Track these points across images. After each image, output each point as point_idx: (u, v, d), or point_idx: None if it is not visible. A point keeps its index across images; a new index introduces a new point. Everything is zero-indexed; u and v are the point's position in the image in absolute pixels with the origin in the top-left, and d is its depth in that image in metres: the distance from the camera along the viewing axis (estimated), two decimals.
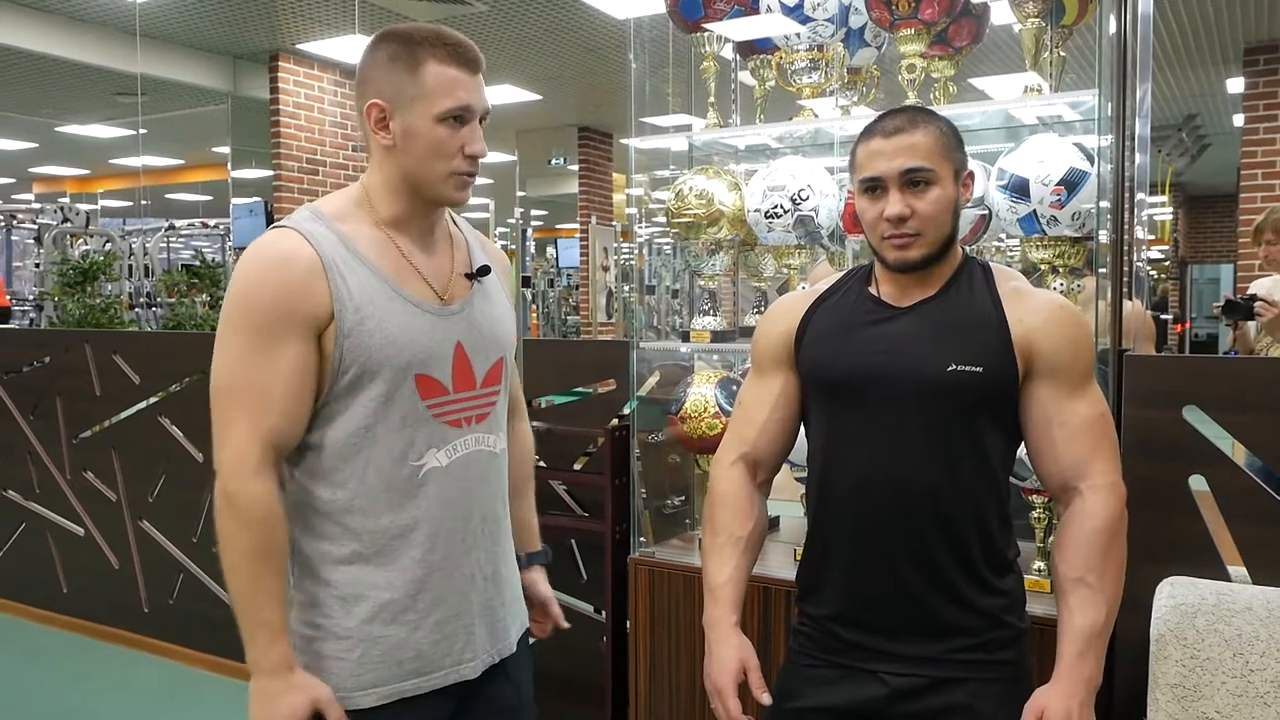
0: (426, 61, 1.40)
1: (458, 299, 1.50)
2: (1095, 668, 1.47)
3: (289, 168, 8.13)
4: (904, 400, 1.52)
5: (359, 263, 1.41)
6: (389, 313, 1.41)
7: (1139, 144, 2.11)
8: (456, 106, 1.40)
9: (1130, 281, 2.13)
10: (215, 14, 7.23)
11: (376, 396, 1.41)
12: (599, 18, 7.04)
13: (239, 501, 1.35)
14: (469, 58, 1.43)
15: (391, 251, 1.45)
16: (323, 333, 1.38)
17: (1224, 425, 1.95)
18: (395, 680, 1.44)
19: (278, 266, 1.37)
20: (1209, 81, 8.93)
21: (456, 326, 1.49)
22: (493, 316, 1.56)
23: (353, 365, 1.39)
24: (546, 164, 11.85)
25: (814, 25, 2.43)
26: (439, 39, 1.42)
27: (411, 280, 1.46)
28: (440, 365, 1.46)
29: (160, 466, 3.88)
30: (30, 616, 4.33)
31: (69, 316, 6.21)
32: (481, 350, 1.52)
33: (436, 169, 1.42)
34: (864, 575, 1.56)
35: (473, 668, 1.51)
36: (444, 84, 1.40)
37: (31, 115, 10.19)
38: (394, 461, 1.43)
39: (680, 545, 2.64)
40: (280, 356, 1.36)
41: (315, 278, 1.37)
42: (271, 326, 1.35)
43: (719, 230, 2.48)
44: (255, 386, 1.36)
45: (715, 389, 2.48)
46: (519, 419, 1.78)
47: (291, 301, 1.36)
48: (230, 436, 1.36)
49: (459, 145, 1.42)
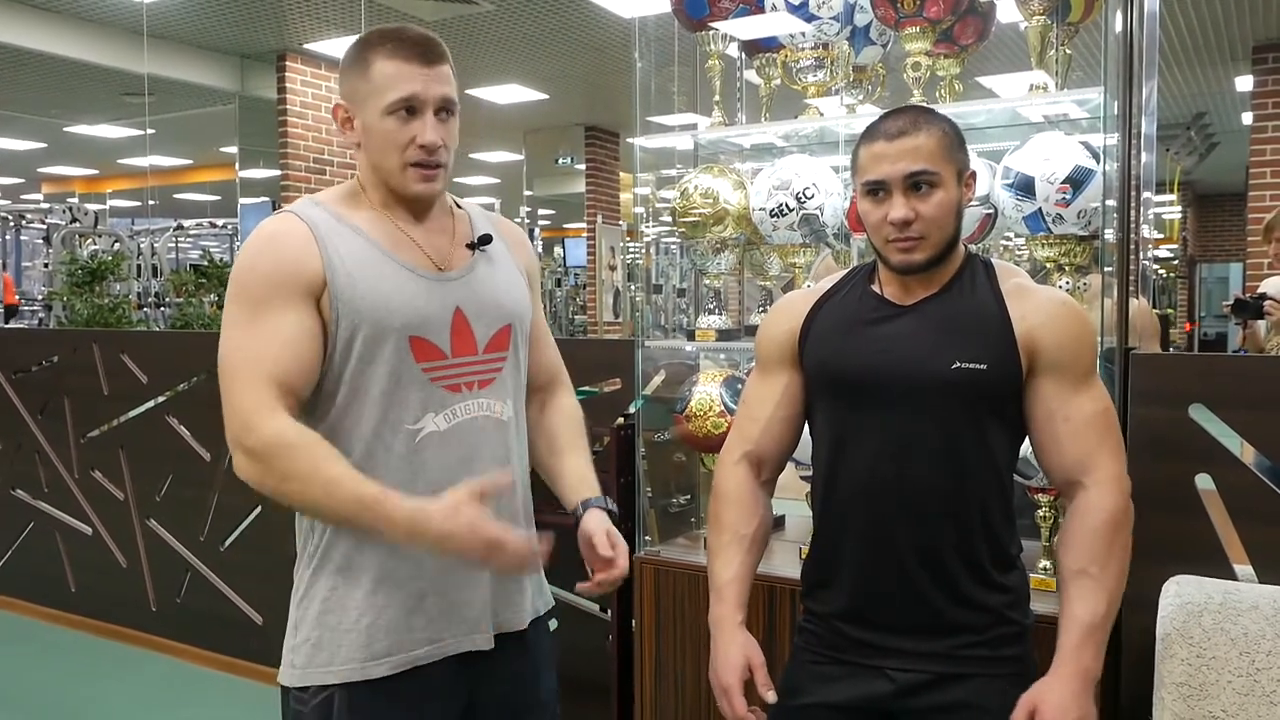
0: (374, 60, 1.43)
1: (457, 266, 1.51)
2: (1094, 659, 1.47)
3: (296, 167, 8.16)
4: (908, 398, 1.52)
5: (352, 233, 1.45)
6: (381, 276, 1.44)
7: (1145, 142, 2.10)
8: (400, 98, 1.42)
9: (1137, 280, 2.13)
10: (223, 14, 7.25)
11: (369, 358, 1.42)
12: (605, 17, 7.05)
13: (266, 445, 1.34)
14: (419, 50, 1.43)
15: (387, 225, 1.49)
16: (319, 299, 1.41)
17: (1231, 424, 1.94)
18: (407, 649, 1.45)
19: (270, 242, 1.43)
20: (1218, 79, 8.90)
21: (456, 292, 1.49)
22: (497, 284, 1.56)
23: (348, 327, 1.41)
24: (553, 163, 11.86)
25: (819, 23, 2.43)
26: (390, 36, 1.45)
27: (406, 249, 1.48)
28: (437, 329, 1.46)
29: (168, 466, 3.89)
30: (38, 615, 4.34)
31: (77, 316, 6.23)
32: (484, 316, 1.52)
33: (391, 161, 1.45)
34: (870, 572, 1.56)
35: (486, 638, 1.51)
36: (388, 77, 1.42)
37: (40, 115, 10.24)
38: (390, 425, 1.44)
39: (686, 544, 2.64)
40: (278, 321, 1.39)
41: (307, 247, 1.41)
42: (267, 297, 1.39)
43: (724, 229, 2.48)
44: (255, 350, 1.38)
45: (720, 387, 2.48)
46: (561, 393, 1.75)
47: (285, 271, 1.40)
48: (237, 403, 1.37)
49: (410, 136, 1.43)
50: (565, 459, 1.67)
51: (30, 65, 8.12)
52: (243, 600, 3.69)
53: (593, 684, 2.76)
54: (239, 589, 3.71)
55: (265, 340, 1.38)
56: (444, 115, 1.46)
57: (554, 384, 1.76)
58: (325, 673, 1.44)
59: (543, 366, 1.72)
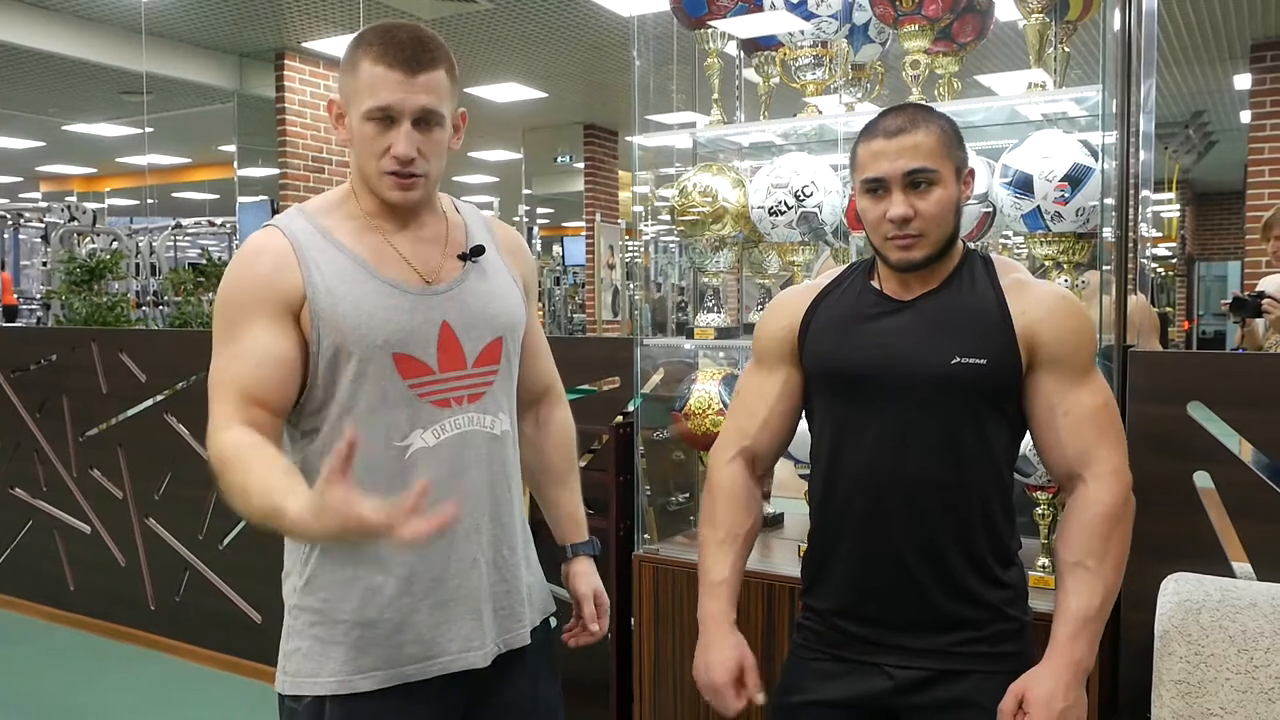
0: (362, 60, 1.41)
1: (445, 279, 1.50)
2: (1087, 651, 1.47)
3: (295, 166, 8.15)
4: (908, 393, 1.52)
5: (335, 248, 1.44)
6: (364, 293, 1.42)
7: (1143, 140, 2.11)
8: (376, 106, 1.39)
9: (1135, 277, 2.13)
10: (221, 13, 7.24)
11: (355, 376, 1.42)
12: (604, 15, 7.04)
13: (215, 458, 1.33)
14: (403, 56, 1.38)
15: (372, 237, 1.47)
16: (299, 315, 1.41)
17: (1229, 421, 1.94)
18: (396, 665, 1.44)
19: (248, 261, 1.43)
20: (1216, 78, 8.90)
21: (442, 306, 1.48)
22: (488, 297, 1.53)
23: (329, 345, 1.41)
24: (552, 161, 11.86)
25: (818, 22, 2.43)
26: (379, 37, 1.41)
27: (391, 263, 1.46)
28: (422, 345, 1.45)
29: (166, 464, 3.89)
30: (37, 614, 4.34)
31: (76, 315, 6.22)
32: (473, 330, 1.50)
33: (370, 166, 1.43)
34: (869, 568, 1.56)
35: (481, 655, 1.50)
36: (369, 82, 1.39)
37: (38, 114, 10.23)
38: (379, 442, 1.43)
39: (684, 542, 2.64)
40: (252, 341, 1.39)
41: (285, 264, 1.41)
42: (242, 315, 1.40)
43: (723, 227, 2.48)
44: (229, 369, 1.39)
45: (719, 386, 2.48)
46: (554, 405, 1.76)
47: (259, 289, 1.40)
48: (211, 422, 1.38)
49: (385, 145, 1.41)
50: (558, 491, 1.72)
51: (28, 63, 8.12)
52: (241, 599, 3.69)
53: (591, 682, 2.76)
54: (238, 588, 3.71)
55: (240, 359, 1.39)
56: (423, 126, 1.41)
57: (548, 395, 1.75)
58: (314, 683, 1.44)
59: (537, 377, 1.71)
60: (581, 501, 1.75)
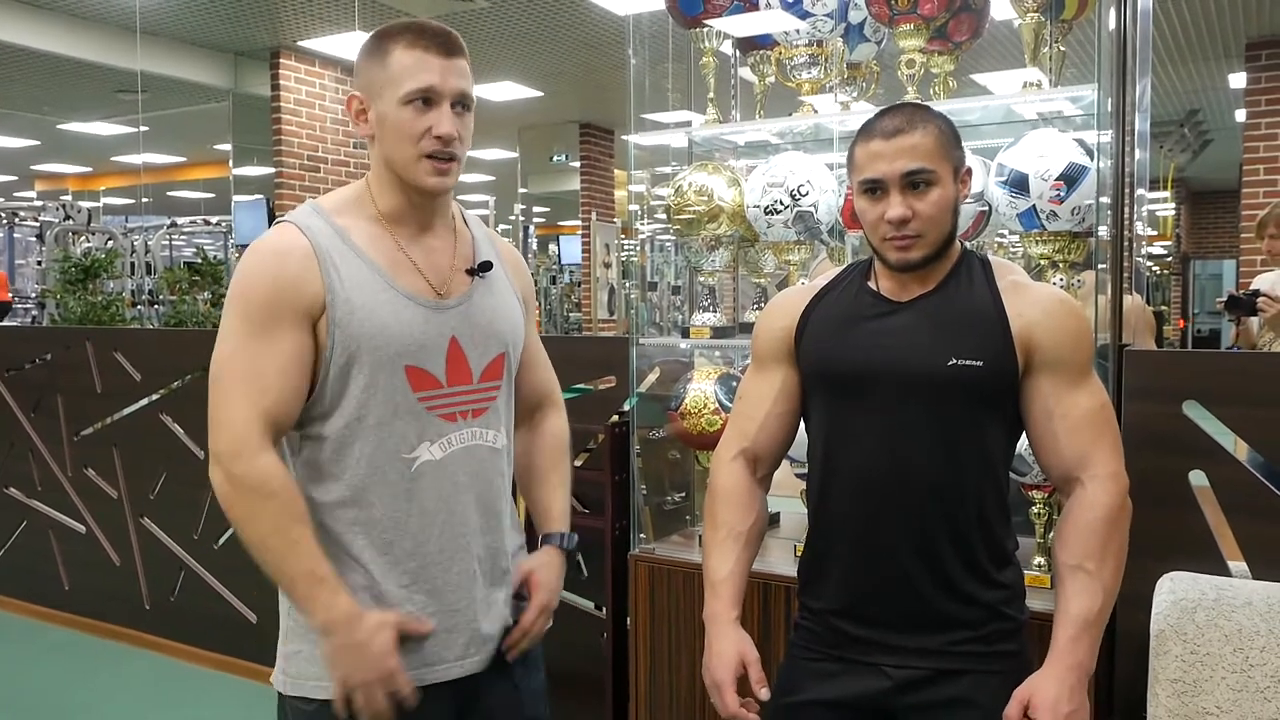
0: (393, 49, 1.42)
1: (455, 293, 1.51)
2: (1089, 654, 1.47)
3: (290, 165, 8.14)
4: (905, 394, 1.52)
5: (353, 254, 1.44)
6: (380, 303, 1.43)
7: (1139, 139, 2.11)
8: (418, 88, 1.41)
9: (1130, 276, 2.13)
10: (216, 11, 7.23)
11: (366, 386, 1.42)
12: (600, 14, 7.04)
13: (250, 480, 1.36)
14: (438, 41, 1.43)
15: (387, 244, 1.47)
16: (316, 322, 1.41)
17: (1224, 420, 1.94)
18: None
19: (274, 259, 1.41)
20: (1211, 76, 8.92)
21: (451, 320, 1.49)
22: (493, 312, 1.55)
23: (343, 354, 1.41)
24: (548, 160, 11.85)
25: (813, 20, 2.43)
26: (411, 28, 1.44)
27: (405, 273, 1.47)
28: (432, 358, 1.46)
29: (161, 464, 3.88)
30: (31, 614, 4.33)
31: (71, 314, 6.22)
32: (478, 345, 1.52)
33: (406, 152, 1.43)
34: (865, 569, 1.56)
35: (477, 662, 1.51)
36: (407, 67, 1.41)
37: (33, 113, 10.20)
38: (387, 454, 1.44)
39: (680, 541, 2.64)
40: (276, 343, 1.39)
41: (309, 268, 1.40)
42: (268, 315, 1.39)
43: (719, 226, 2.48)
44: (252, 370, 1.38)
45: (715, 385, 2.48)
46: (550, 413, 1.77)
47: (286, 291, 1.39)
48: (227, 419, 1.38)
49: (426, 127, 1.42)
50: (538, 489, 1.73)
51: (23, 62, 8.10)
52: (236, 599, 3.69)
53: (587, 681, 2.76)
54: (233, 587, 3.71)
55: (263, 363, 1.38)
56: (460, 109, 1.45)
57: (545, 403, 1.77)
58: (317, 687, 1.44)
59: (535, 387, 1.73)
60: (562, 497, 1.74)
